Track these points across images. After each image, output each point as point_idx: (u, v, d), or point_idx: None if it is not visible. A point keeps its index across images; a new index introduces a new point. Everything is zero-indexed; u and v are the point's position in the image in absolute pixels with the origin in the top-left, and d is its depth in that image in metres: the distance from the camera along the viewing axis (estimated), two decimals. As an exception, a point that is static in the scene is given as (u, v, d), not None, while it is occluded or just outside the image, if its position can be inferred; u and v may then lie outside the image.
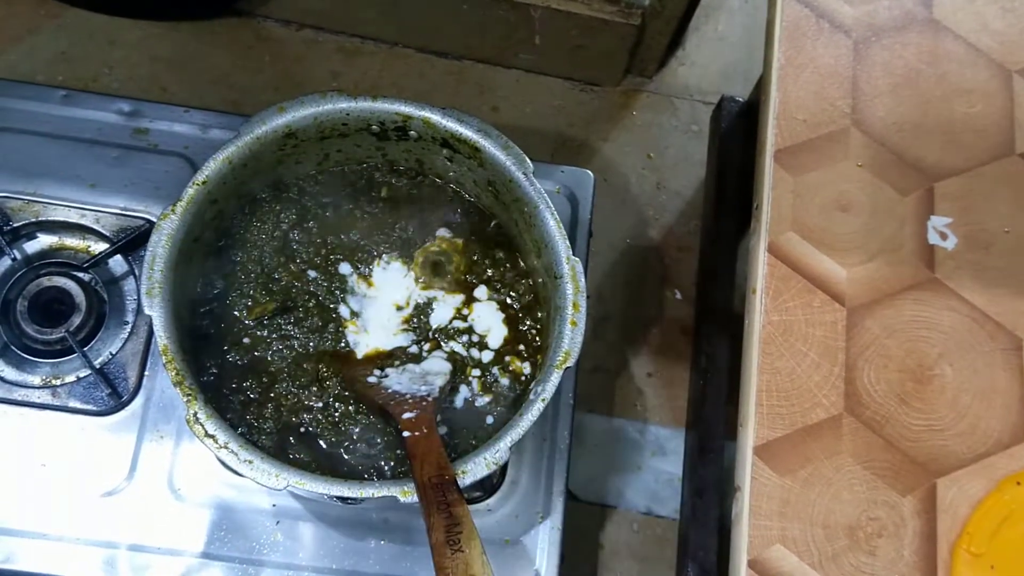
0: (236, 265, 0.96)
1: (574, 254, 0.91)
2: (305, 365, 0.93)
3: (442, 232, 1.01)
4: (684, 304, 1.73)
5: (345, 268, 0.98)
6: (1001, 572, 0.88)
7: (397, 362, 0.95)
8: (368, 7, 1.75)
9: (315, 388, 0.93)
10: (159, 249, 0.85)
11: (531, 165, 0.93)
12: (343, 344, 0.95)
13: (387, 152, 1.00)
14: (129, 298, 1.05)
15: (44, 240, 1.07)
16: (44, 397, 1.00)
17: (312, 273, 0.97)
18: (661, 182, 1.81)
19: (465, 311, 0.98)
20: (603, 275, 1.73)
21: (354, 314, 0.97)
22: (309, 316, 0.95)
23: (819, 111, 1.06)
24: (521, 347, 0.97)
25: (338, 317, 0.96)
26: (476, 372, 0.96)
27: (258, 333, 0.94)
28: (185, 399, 0.81)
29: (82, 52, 1.77)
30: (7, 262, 1.04)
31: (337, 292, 0.97)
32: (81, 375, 1.01)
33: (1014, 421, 0.95)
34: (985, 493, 0.92)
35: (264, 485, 0.79)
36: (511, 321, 0.98)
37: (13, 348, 1.01)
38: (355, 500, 0.80)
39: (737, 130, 1.55)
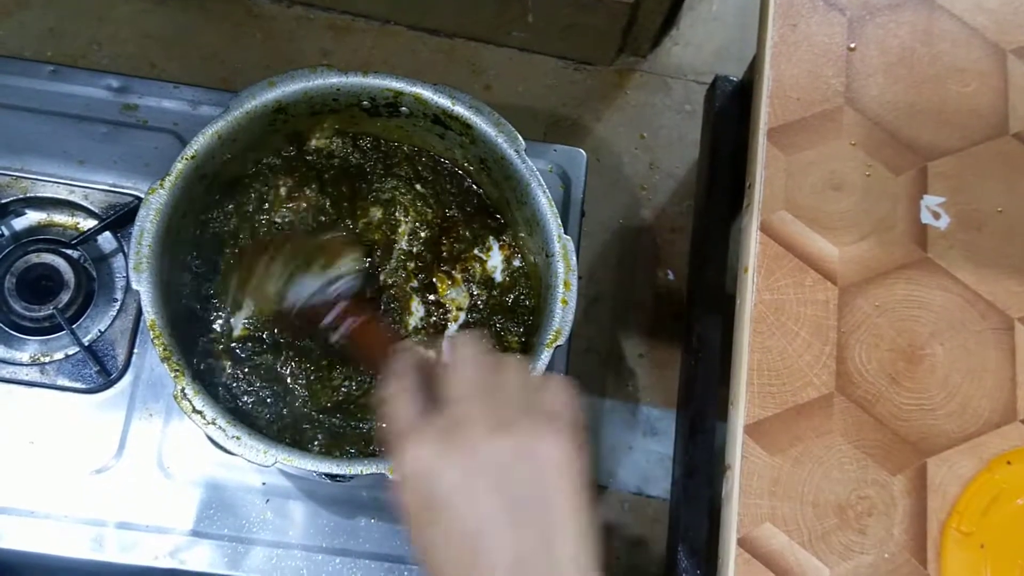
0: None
1: (566, 233, 0.91)
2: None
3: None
4: (676, 284, 1.73)
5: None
6: (991, 551, 0.89)
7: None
8: (360, -16, 1.74)
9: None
10: (147, 224, 0.84)
11: (523, 143, 0.92)
12: None
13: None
14: (118, 275, 1.04)
15: (32, 217, 1.06)
16: (32, 374, 1.00)
17: None
18: (654, 162, 1.81)
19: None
20: (595, 255, 1.73)
21: None
22: None
23: (813, 89, 1.05)
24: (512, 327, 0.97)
25: None
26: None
27: None
28: (173, 375, 0.80)
29: (71, 28, 1.75)
30: (-5, 239, 1.03)
31: None
32: (69, 352, 1.01)
33: (1005, 401, 0.95)
34: (975, 472, 0.92)
35: (252, 462, 0.79)
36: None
37: (1, 325, 1.00)
38: (344, 477, 0.80)
39: (731, 110, 1.54)
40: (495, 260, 0.99)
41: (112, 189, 1.05)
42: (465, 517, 0.54)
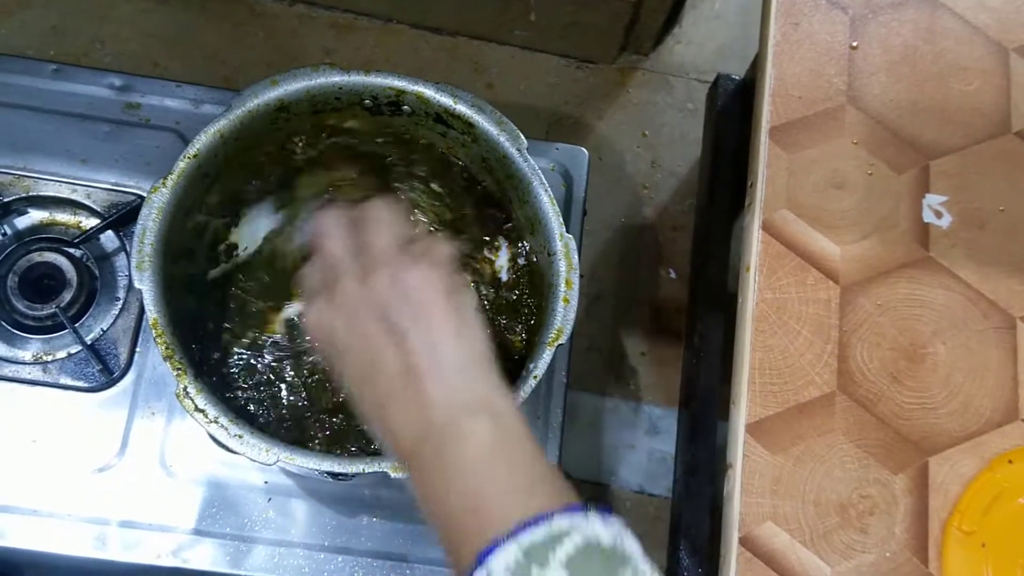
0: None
1: (568, 232, 0.91)
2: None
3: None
4: (678, 283, 1.73)
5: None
6: (992, 550, 0.89)
7: None
8: (362, -18, 1.74)
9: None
10: (149, 223, 0.84)
11: (525, 141, 0.92)
12: None
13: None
14: (120, 274, 1.04)
15: (35, 215, 1.06)
16: (35, 373, 1.00)
17: None
18: (656, 160, 1.81)
19: None
20: (597, 254, 1.73)
21: None
22: None
23: (815, 88, 1.05)
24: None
25: None
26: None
27: None
28: (175, 373, 0.80)
29: (73, 26, 1.75)
30: (-3, 237, 1.03)
31: None
32: (72, 351, 1.01)
33: (1007, 400, 0.95)
34: (977, 471, 0.92)
35: (255, 460, 0.79)
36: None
37: (3, 324, 1.00)
38: (346, 476, 0.80)
39: (733, 109, 1.54)
40: (502, 259, 0.99)
41: (114, 188, 1.05)
42: (359, 350, 0.65)
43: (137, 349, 1.02)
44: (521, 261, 0.99)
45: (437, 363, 0.63)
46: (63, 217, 1.06)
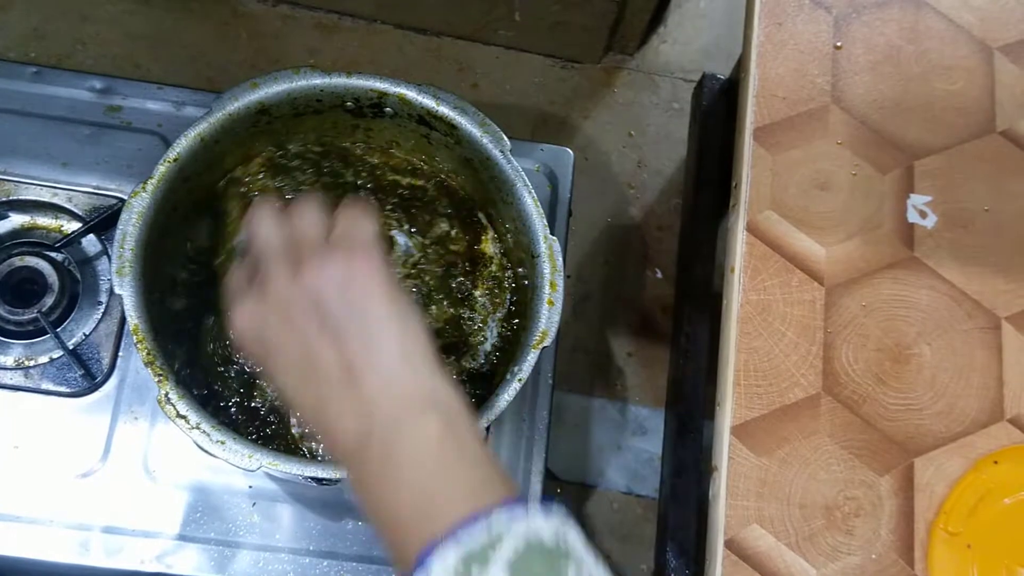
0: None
1: (553, 233, 0.90)
2: None
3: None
4: (664, 283, 1.72)
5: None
6: (978, 551, 0.89)
7: None
8: (346, -18, 1.73)
9: None
10: (129, 228, 0.83)
11: (508, 143, 0.92)
12: None
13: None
14: (102, 278, 1.04)
15: (15, 220, 1.05)
16: (16, 378, 0.99)
17: None
18: (642, 160, 1.81)
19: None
20: (583, 254, 1.72)
21: None
22: None
23: (799, 88, 1.05)
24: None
25: None
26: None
27: None
28: (156, 379, 0.80)
29: (55, 28, 1.74)
30: (-23, 242, 1.02)
31: None
32: (54, 356, 1.00)
33: (991, 400, 0.95)
34: (962, 472, 0.92)
35: (237, 466, 0.78)
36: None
37: (-16, 329, 1.00)
38: (331, 481, 0.80)
39: (718, 108, 1.54)
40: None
41: (96, 191, 1.05)
42: (293, 349, 0.61)
43: (120, 353, 1.01)
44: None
45: (376, 357, 0.59)
46: (44, 221, 1.05)
